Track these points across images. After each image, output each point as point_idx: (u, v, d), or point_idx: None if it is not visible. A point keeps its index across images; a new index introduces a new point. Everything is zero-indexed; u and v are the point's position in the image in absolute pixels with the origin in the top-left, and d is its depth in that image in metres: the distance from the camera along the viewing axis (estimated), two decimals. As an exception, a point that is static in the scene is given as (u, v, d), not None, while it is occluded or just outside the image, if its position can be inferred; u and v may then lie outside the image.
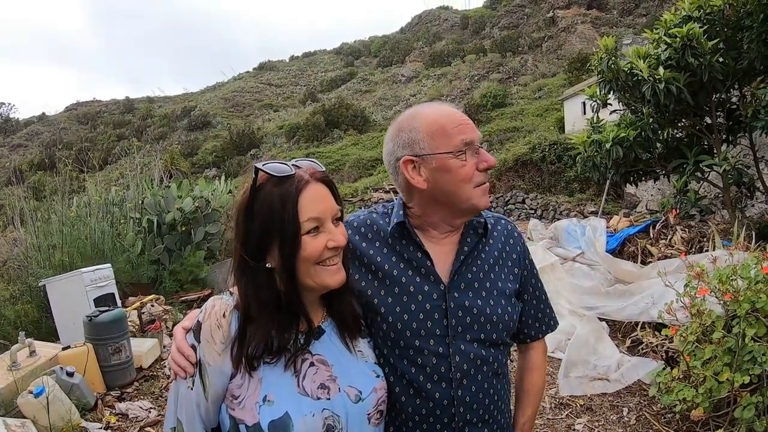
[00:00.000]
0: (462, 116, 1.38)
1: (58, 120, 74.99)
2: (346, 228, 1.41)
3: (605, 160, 6.41)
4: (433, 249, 1.42)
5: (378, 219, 1.49)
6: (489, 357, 1.40)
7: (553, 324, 1.63)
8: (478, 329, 1.38)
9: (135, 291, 7.44)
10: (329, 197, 1.24)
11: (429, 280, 1.39)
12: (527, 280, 1.55)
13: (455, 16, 71.32)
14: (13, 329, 4.75)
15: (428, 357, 1.36)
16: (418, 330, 1.36)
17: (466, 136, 1.34)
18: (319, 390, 1.22)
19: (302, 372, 1.22)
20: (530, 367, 1.62)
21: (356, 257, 1.43)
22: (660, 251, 5.50)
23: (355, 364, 1.30)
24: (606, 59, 5.98)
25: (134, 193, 9.43)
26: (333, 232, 1.22)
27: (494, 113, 32.19)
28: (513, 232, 1.55)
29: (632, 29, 36.90)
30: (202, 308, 1.24)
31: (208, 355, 1.18)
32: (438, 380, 1.36)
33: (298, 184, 1.19)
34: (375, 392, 1.29)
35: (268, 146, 41.21)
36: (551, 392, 4.22)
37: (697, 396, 2.77)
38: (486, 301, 1.41)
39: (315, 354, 1.25)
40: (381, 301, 1.38)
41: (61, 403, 3.75)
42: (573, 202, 16.45)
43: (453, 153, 1.33)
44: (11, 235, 7.41)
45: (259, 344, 1.18)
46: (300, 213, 1.17)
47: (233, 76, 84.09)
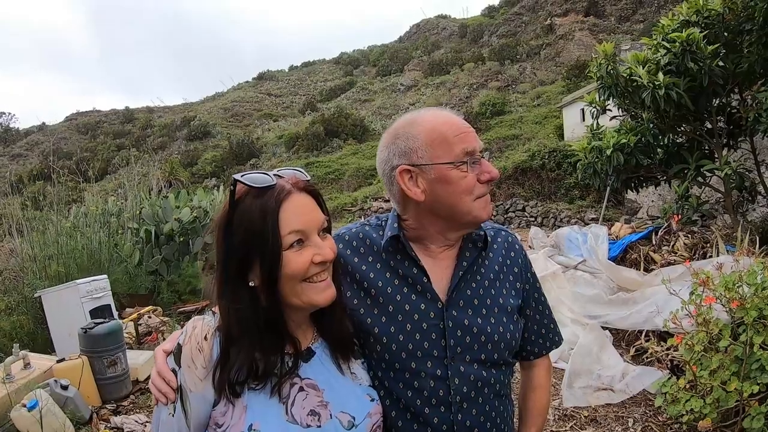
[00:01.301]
0: (463, 124, 1.29)
1: (58, 129, 75.12)
2: (337, 242, 1.35)
3: (606, 167, 6.38)
4: (430, 264, 1.34)
5: (371, 232, 1.41)
6: (490, 378, 1.33)
7: (558, 340, 1.55)
8: (479, 349, 1.31)
9: (132, 302, 7.38)
10: (314, 208, 1.16)
11: (425, 297, 1.31)
12: (530, 294, 1.47)
13: (453, 25, 71.62)
14: (8, 341, 4.69)
15: (425, 380, 1.28)
16: (415, 351, 1.28)
17: (467, 145, 1.26)
18: (309, 417, 1.14)
19: (291, 398, 1.14)
20: (534, 386, 1.54)
21: (348, 273, 1.35)
22: (663, 258, 5.44)
23: (349, 388, 1.23)
24: (605, 65, 5.96)
25: (132, 204, 9.39)
26: (319, 245, 1.13)
27: (493, 121, 32.19)
28: (514, 244, 1.48)
29: (630, 35, 37.08)
30: (183, 330, 1.16)
31: (189, 381, 1.10)
32: (436, 404, 1.28)
33: (278, 195, 1.11)
34: (369, 417, 1.22)
35: (267, 156, 41.24)
36: (555, 403, 4.15)
37: (705, 406, 2.70)
38: (486, 319, 1.33)
39: (304, 378, 1.17)
40: (374, 320, 1.30)
41: (55, 417, 3.69)
42: (573, 209, 16.38)
43: (454, 163, 1.25)
44: (7, 246, 7.36)
45: (242, 368, 1.10)
46: (281, 226, 1.09)
47: (232, 86, 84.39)
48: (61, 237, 6.85)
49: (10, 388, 3.85)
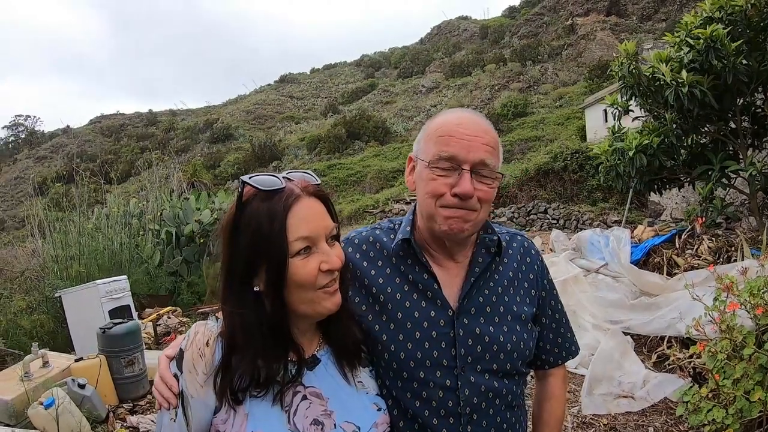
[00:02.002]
0: (463, 129, 1.23)
1: (82, 132, 76.94)
2: (346, 245, 1.34)
3: (628, 169, 6.24)
4: (441, 270, 1.30)
5: (381, 236, 1.38)
6: (502, 389, 1.28)
7: (575, 350, 1.50)
8: (490, 359, 1.27)
9: (152, 303, 7.47)
10: (323, 214, 1.13)
11: (435, 304, 1.27)
12: (546, 302, 1.43)
13: (474, 26, 71.32)
14: (28, 339, 4.77)
15: (434, 390, 1.24)
16: (423, 360, 1.24)
17: (446, 149, 1.21)
18: (312, 426, 1.11)
19: (293, 406, 1.11)
20: (549, 396, 1.49)
21: (356, 278, 1.32)
22: (686, 262, 5.30)
23: (355, 397, 1.19)
24: (627, 64, 5.83)
25: (153, 205, 9.53)
26: (327, 253, 1.10)
27: (515, 123, 31.96)
28: (530, 250, 1.43)
29: (652, 35, 36.42)
30: (186, 335, 1.15)
31: (190, 387, 1.09)
32: (445, 415, 1.24)
33: (287, 199, 1.08)
34: (376, 428, 1.19)
35: (289, 158, 41.56)
36: (573, 411, 4.06)
37: (727, 417, 2.61)
38: (499, 327, 1.29)
39: (308, 386, 1.15)
40: (382, 328, 1.27)
41: (71, 415, 3.72)
42: (596, 211, 16.14)
43: (427, 163, 1.23)
44: (30, 246, 7.51)
45: (244, 375, 1.08)
46: (289, 232, 1.06)
47: (255, 89, 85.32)
48: (82, 238, 6.96)
49: (28, 386, 3.91)
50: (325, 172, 31.84)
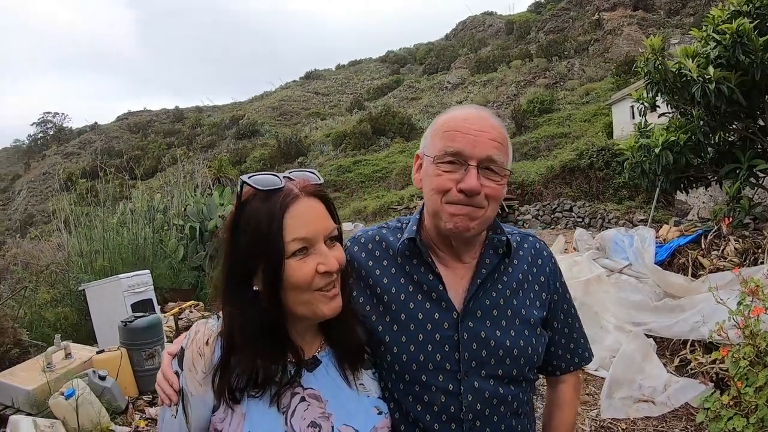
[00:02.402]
0: (469, 125, 1.20)
1: (109, 129, 78.68)
2: (352, 244, 1.33)
3: (654, 166, 6.08)
4: (447, 271, 1.27)
5: (388, 235, 1.35)
6: (507, 395, 1.24)
7: (588, 356, 1.45)
8: (496, 364, 1.23)
9: (175, 297, 7.58)
10: (322, 215, 1.11)
11: (440, 306, 1.24)
12: (558, 306, 1.38)
13: (500, 22, 70.61)
14: (52, 331, 4.89)
15: (436, 394, 1.21)
16: (426, 363, 1.22)
17: (452, 145, 1.18)
18: (309, 428, 1.10)
19: (291, 408, 1.10)
20: (560, 403, 1.45)
21: (361, 278, 1.30)
22: (712, 263, 5.14)
23: (355, 400, 1.18)
24: (653, 60, 5.68)
25: (178, 201, 9.68)
26: (324, 254, 1.08)
27: (541, 119, 31.62)
28: (542, 252, 1.39)
29: (680, 29, 35.53)
30: (187, 333, 1.16)
31: (190, 384, 1.10)
32: (447, 420, 1.21)
33: (284, 199, 1.07)
34: (375, 431, 1.17)
35: (315, 154, 41.87)
36: (592, 414, 3.99)
37: (748, 426, 2.51)
38: (506, 331, 1.25)
39: (307, 388, 1.13)
40: (386, 329, 1.25)
41: (91, 406, 3.81)
42: (622, 209, 15.85)
43: (432, 158, 1.21)
44: (55, 241, 7.69)
45: (242, 375, 1.08)
46: (285, 232, 1.05)
47: (280, 86, 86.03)
48: (107, 232, 7.11)
49: (50, 376, 4.02)
50: (350, 168, 32.00)
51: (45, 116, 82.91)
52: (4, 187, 66.57)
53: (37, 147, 78.87)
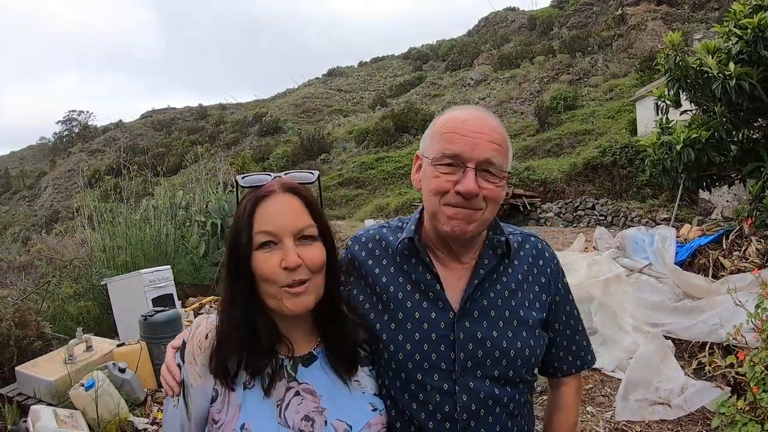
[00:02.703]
0: (468, 127, 1.20)
1: (134, 126, 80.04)
2: (353, 243, 1.36)
3: (676, 164, 5.96)
4: (445, 270, 1.28)
5: (388, 234, 1.37)
6: (503, 397, 1.25)
7: (590, 359, 1.44)
8: (492, 365, 1.23)
9: (196, 292, 7.70)
10: (296, 212, 1.13)
11: (437, 306, 1.25)
12: (559, 307, 1.38)
13: (522, 17, 69.81)
14: (75, 325, 5.01)
15: (431, 393, 1.23)
16: (422, 362, 1.23)
17: (450, 147, 1.19)
18: (302, 422, 1.13)
19: (286, 401, 1.14)
20: (561, 406, 1.44)
21: (361, 276, 1.33)
22: (733, 264, 5.03)
23: (349, 396, 1.20)
24: (673, 56, 5.55)
25: (200, 197, 9.81)
26: (287, 250, 1.09)
27: (565, 116, 31.25)
28: (543, 252, 1.38)
29: (704, 24, 34.68)
30: (189, 328, 1.21)
31: (190, 376, 1.15)
32: (441, 420, 1.22)
33: (259, 194, 1.13)
34: (369, 428, 1.19)
35: (338, 151, 42.03)
36: (607, 416, 3.95)
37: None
38: (503, 332, 1.25)
39: (302, 383, 1.16)
40: (383, 327, 1.26)
41: (110, 397, 3.90)
42: (645, 208, 15.60)
43: (430, 160, 1.22)
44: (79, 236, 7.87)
45: (232, 363, 1.13)
46: (255, 224, 1.10)
47: (303, 83, 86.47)
48: (130, 229, 7.24)
49: (72, 368, 4.12)
50: (372, 165, 32.08)
51: (70, 114, 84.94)
52: (30, 183, 68.28)
53: (63, 145, 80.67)
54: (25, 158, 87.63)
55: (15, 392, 4.18)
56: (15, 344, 4.45)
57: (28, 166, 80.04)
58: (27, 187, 67.01)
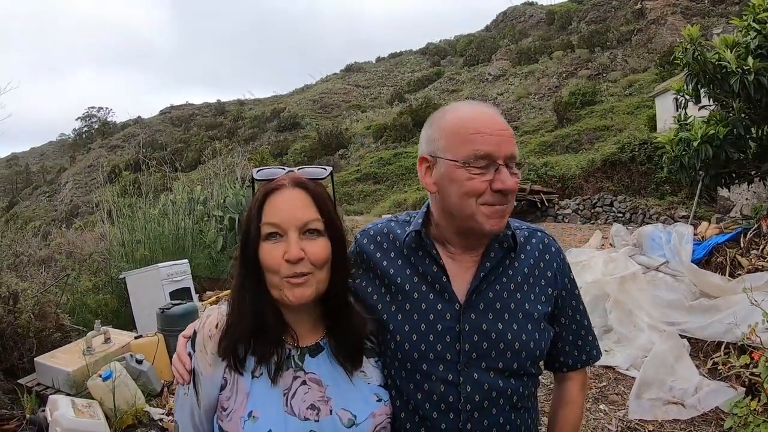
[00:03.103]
0: (491, 125, 1.21)
1: (153, 122, 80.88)
2: (362, 237, 1.38)
3: (693, 161, 5.86)
4: (451, 263, 1.30)
5: (396, 228, 1.39)
6: (507, 389, 1.26)
7: (596, 354, 1.45)
8: (496, 356, 1.24)
9: (213, 286, 7.79)
10: (303, 206, 1.15)
11: (443, 298, 1.27)
12: (566, 302, 1.38)
13: (540, 12, 69.08)
14: (93, 317, 5.10)
15: (436, 383, 1.24)
16: (427, 353, 1.24)
17: (481, 147, 1.19)
18: (308, 410, 1.16)
19: (292, 390, 1.17)
20: (565, 401, 1.45)
21: (370, 268, 1.35)
22: (750, 263, 4.95)
23: (354, 386, 1.23)
24: (691, 50, 5.46)
25: (218, 192, 9.91)
26: (290, 243, 1.12)
27: (583, 111, 30.85)
28: (550, 247, 1.39)
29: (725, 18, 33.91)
30: (201, 318, 1.25)
31: (201, 365, 1.19)
32: (445, 410, 1.23)
33: (269, 187, 1.17)
34: (373, 418, 1.20)
35: (356, 146, 42.06)
36: (619, 414, 3.93)
37: (775, 433, 2.43)
38: (508, 324, 1.26)
39: (309, 372, 1.19)
40: (390, 317, 1.28)
41: (127, 388, 3.96)
42: (663, 205, 15.35)
43: (459, 162, 1.20)
44: (98, 231, 8.00)
45: (241, 348, 1.16)
46: (263, 216, 1.14)
47: (321, 78, 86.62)
48: (148, 223, 7.35)
49: (90, 359, 4.19)
50: (390, 161, 32.04)
51: (89, 111, 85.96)
52: (50, 179, 69.38)
53: (82, 141, 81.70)
54: (45, 154, 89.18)
55: (34, 382, 4.25)
56: (34, 336, 4.51)
57: (48, 162, 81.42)
58: (47, 183, 68.14)
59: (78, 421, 3.57)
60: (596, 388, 4.34)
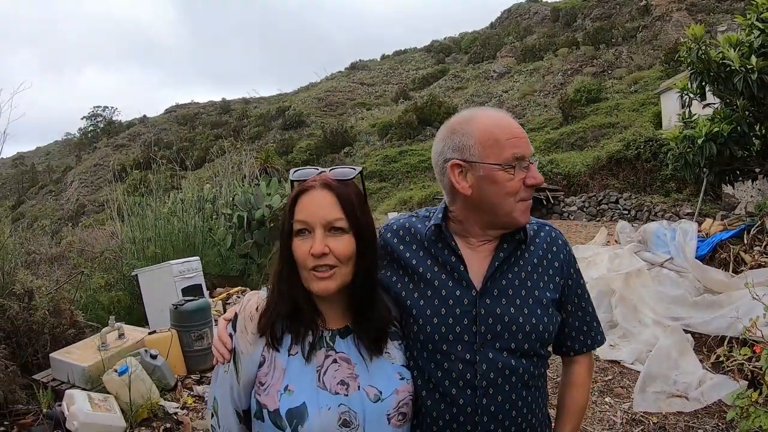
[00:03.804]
0: (517, 129, 1.37)
1: (158, 121, 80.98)
2: (385, 231, 1.51)
3: (698, 158, 5.90)
4: (469, 254, 1.41)
5: (416, 223, 1.51)
6: (519, 367, 1.37)
7: (600, 339, 1.56)
8: (509, 338, 1.36)
9: (223, 283, 7.89)
10: (328, 206, 1.26)
11: (461, 285, 1.38)
12: (572, 290, 1.50)
13: (545, 9, 68.72)
14: (106, 314, 5.19)
15: (455, 362, 1.35)
16: (447, 334, 1.36)
17: (518, 150, 1.34)
18: (338, 386, 1.28)
19: (324, 367, 1.30)
20: (572, 383, 1.56)
21: (394, 260, 1.47)
22: (753, 259, 5.00)
23: (380, 365, 1.34)
24: (695, 49, 5.50)
25: (226, 191, 10.00)
26: (317, 240, 1.24)
27: (588, 108, 30.72)
28: (557, 240, 1.51)
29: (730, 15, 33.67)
30: (241, 301, 1.37)
31: (241, 344, 1.30)
32: (463, 386, 1.35)
33: (301, 187, 1.28)
34: (396, 394, 1.32)
35: (361, 144, 42.01)
36: (624, 407, 4.00)
37: (775, 423, 2.50)
38: (520, 309, 1.37)
39: (339, 352, 1.32)
40: (413, 302, 1.40)
41: (142, 383, 4.05)
42: (668, 202, 15.33)
43: (502, 165, 1.33)
44: (109, 229, 8.10)
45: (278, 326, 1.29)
46: (294, 214, 1.26)
47: (326, 76, 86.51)
48: (158, 221, 7.44)
49: (105, 355, 4.27)
50: (396, 159, 32.01)
51: (95, 110, 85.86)
52: (56, 178, 69.55)
53: (88, 140, 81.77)
54: (51, 153, 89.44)
55: (49, 378, 4.33)
56: (49, 332, 4.58)
57: (54, 161, 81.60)
58: (53, 182, 68.33)
59: (95, 415, 3.65)
60: (602, 382, 4.41)
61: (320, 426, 1.23)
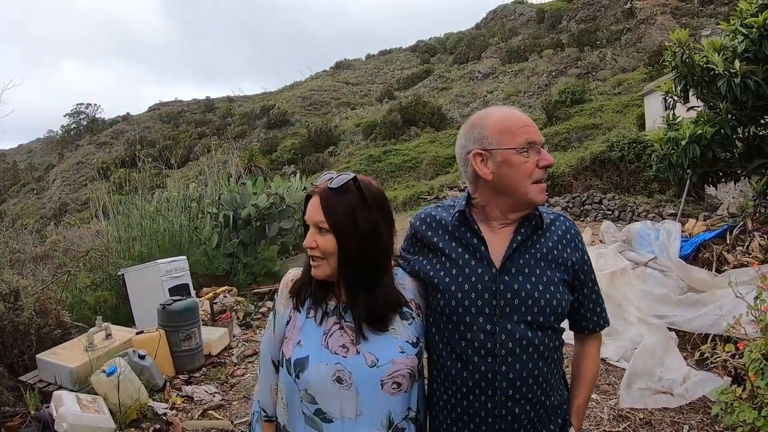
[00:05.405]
0: (527, 119, 1.55)
1: (141, 119, 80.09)
2: (415, 219, 1.74)
3: (681, 159, 6.01)
4: (490, 236, 1.58)
5: (442, 211, 1.69)
6: (534, 339, 1.51)
7: (607, 318, 1.74)
8: (525, 311, 1.51)
9: (209, 282, 7.85)
10: (316, 210, 1.52)
11: (483, 263, 1.54)
12: (586, 275, 1.66)
13: (530, 11, 69.41)
14: (92, 314, 5.14)
15: (477, 333, 1.51)
16: (470, 307, 1.52)
17: (529, 136, 1.51)
18: (339, 348, 1.51)
19: (331, 332, 1.54)
20: (585, 353, 1.76)
21: (424, 245, 1.66)
22: (736, 259, 5.11)
23: (382, 337, 1.52)
24: (680, 53, 5.60)
25: (212, 190, 9.94)
26: (308, 235, 1.54)
27: (573, 110, 31.09)
28: (571, 229, 1.67)
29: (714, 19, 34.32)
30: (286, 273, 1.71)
31: (279, 305, 1.66)
32: (484, 355, 1.51)
33: (308, 193, 1.58)
34: (392, 364, 1.49)
35: (345, 143, 42.01)
36: (611, 403, 4.06)
37: (759, 419, 2.57)
38: (535, 286, 1.53)
39: (347, 321, 1.54)
40: (440, 279, 1.57)
41: (131, 383, 4.03)
42: (652, 203, 15.56)
43: (516, 149, 1.51)
44: (94, 228, 8.00)
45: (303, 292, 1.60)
46: (305, 214, 1.57)
47: (310, 75, 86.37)
48: (144, 220, 7.38)
49: (92, 355, 4.24)
50: (380, 158, 32.06)
51: (78, 107, 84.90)
52: (38, 176, 68.52)
53: (71, 137, 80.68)
54: (33, 151, 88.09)
55: (36, 379, 4.29)
56: (35, 333, 4.53)
57: (36, 158, 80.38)
58: (35, 180, 67.32)
59: (84, 416, 3.62)
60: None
61: (316, 377, 1.48)
